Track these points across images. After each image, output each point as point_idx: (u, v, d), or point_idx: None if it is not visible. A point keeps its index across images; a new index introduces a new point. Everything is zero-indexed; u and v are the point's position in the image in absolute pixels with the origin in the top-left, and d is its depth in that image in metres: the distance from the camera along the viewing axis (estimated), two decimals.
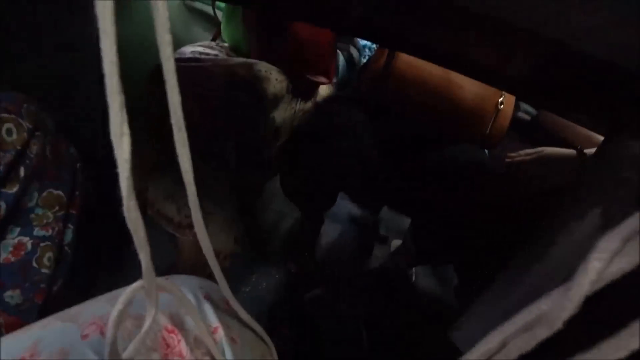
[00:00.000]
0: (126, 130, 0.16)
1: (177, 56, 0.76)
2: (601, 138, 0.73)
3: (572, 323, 0.10)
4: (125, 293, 0.20)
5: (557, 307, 0.11)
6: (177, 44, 0.86)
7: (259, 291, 0.95)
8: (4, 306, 0.45)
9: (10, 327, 0.44)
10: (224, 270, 0.92)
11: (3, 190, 0.43)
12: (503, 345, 0.12)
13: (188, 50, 0.80)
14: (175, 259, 0.90)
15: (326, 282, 0.86)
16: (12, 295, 0.46)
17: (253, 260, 1.02)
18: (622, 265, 0.10)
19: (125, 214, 0.17)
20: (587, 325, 0.11)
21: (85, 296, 0.30)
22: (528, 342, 0.12)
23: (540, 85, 0.42)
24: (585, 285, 0.11)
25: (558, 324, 0.11)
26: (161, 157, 0.77)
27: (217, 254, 0.86)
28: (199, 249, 0.82)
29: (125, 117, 0.15)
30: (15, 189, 0.44)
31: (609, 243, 0.10)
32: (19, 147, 0.43)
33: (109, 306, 0.25)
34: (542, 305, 0.12)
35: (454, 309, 1.05)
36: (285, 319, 0.79)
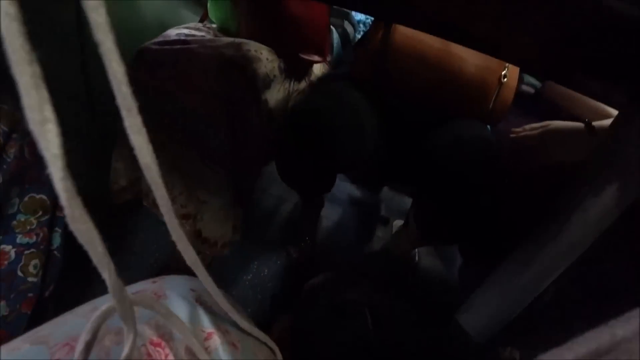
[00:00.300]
0: (49, 114, 0.11)
1: (162, 39, 0.72)
2: (610, 109, 0.70)
3: None
4: (91, 320, 0.17)
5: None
6: (165, 27, 0.82)
7: (261, 279, 0.94)
8: None
9: None
10: (222, 259, 0.90)
11: None
12: None
13: (173, 32, 0.75)
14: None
15: (328, 268, 0.84)
16: None
17: (253, 247, 1.00)
18: None
19: (71, 226, 0.13)
20: None
21: (82, 299, 0.28)
22: None
23: (556, 52, 0.39)
24: None
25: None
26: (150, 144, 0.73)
27: (215, 243, 0.84)
28: (194, 239, 0.80)
29: (45, 96, 0.11)
30: None
31: None
32: None
33: (85, 322, 0.22)
34: (617, 330, 0.09)
35: (458, 290, 1.05)
36: (288, 307, 0.77)
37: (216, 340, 0.26)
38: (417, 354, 0.57)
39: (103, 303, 0.26)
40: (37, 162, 0.47)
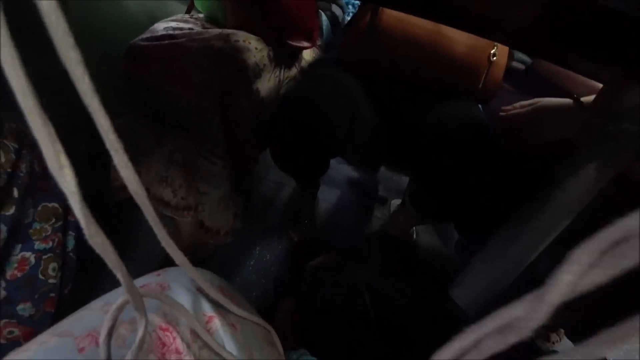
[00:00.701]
0: (65, 161, 0.14)
1: (150, 34, 0.72)
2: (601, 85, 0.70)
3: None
4: (110, 312, 0.20)
5: (527, 315, 0.11)
6: (153, 19, 0.81)
7: (264, 263, 0.97)
8: (18, 318, 0.48)
9: (28, 338, 0.46)
10: (225, 246, 0.92)
11: (1, 213, 0.44)
12: (477, 344, 0.12)
13: (161, 26, 0.75)
14: (176, 240, 0.91)
15: (328, 249, 0.87)
16: (24, 308, 0.48)
17: (254, 233, 1.03)
18: (596, 278, 0.10)
19: (89, 241, 0.16)
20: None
21: (96, 294, 0.31)
22: (499, 344, 0.12)
23: (545, 31, 0.39)
24: (555, 298, 0.10)
25: (527, 332, 0.11)
26: (145, 139, 0.75)
27: (218, 232, 0.87)
28: (197, 229, 0.83)
29: (59, 148, 0.14)
30: (12, 211, 0.45)
31: (583, 255, 0.10)
32: (9, 170, 0.44)
33: (103, 315, 0.25)
34: (516, 311, 0.11)
35: (455, 266, 1.08)
36: (290, 290, 0.81)
37: (217, 323, 0.30)
38: (414, 329, 0.60)
39: (113, 298, 0.29)
40: (46, 173, 0.50)
